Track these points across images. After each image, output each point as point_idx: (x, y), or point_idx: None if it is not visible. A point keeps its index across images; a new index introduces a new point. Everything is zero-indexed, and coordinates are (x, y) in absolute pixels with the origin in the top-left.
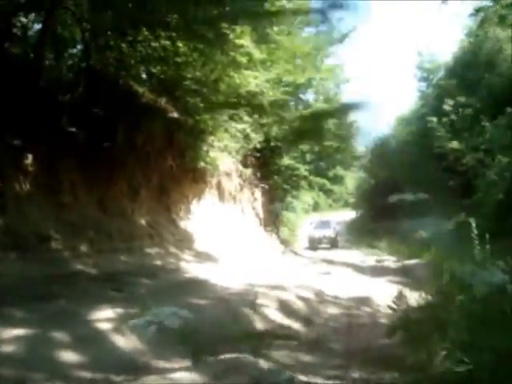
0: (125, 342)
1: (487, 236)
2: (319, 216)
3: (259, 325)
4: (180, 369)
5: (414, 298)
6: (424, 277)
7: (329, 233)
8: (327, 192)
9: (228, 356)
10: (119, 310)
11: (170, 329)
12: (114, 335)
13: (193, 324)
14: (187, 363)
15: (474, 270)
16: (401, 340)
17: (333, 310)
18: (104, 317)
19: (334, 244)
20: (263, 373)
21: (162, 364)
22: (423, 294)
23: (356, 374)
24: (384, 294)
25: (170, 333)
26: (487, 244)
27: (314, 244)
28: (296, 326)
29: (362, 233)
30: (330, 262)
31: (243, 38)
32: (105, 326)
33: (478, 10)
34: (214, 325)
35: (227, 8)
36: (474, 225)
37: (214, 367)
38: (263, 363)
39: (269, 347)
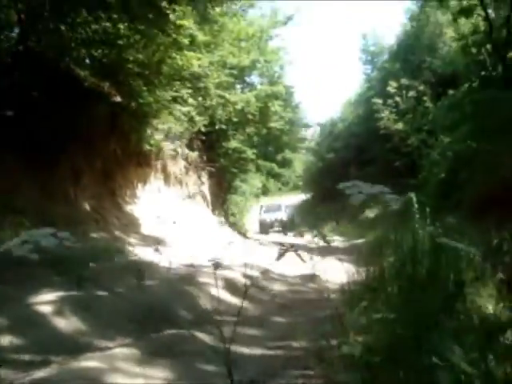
0: (65, 323)
1: (428, 212)
2: (269, 200)
3: (203, 302)
4: (120, 345)
5: (358, 271)
6: (368, 254)
7: (280, 216)
8: (276, 176)
9: (169, 331)
10: (60, 293)
11: None
12: (54, 317)
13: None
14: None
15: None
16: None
17: (279, 288)
18: (44, 300)
19: (285, 227)
20: (202, 346)
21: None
22: (365, 268)
23: (296, 344)
24: (330, 271)
25: None
26: (428, 219)
27: (265, 228)
28: (241, 303)
29: (312, 215)
30: (279, 244)
31: (185, 19)
32: (45, 308)
33: None
34: (156, 303)
35: None
36: (414, 200)
37: (155, 342)
38: (203, 337)
39: (211, 323)
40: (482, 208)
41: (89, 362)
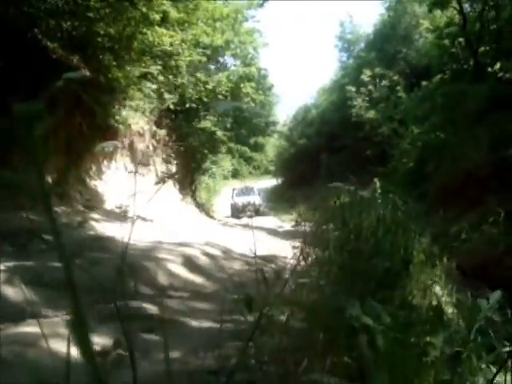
0: (13, 292)
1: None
2: (240, 183)
3: (160, 278)
4: (64, 314)
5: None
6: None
7: (253, 200)
8: (248, 159)
9: (119, 302)
10: (12, 263)
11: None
12: (3, 286)
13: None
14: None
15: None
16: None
17: (238, 267)
18: None
19: (257, 211)
20: (149, 317)
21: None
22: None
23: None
24: (291, 254)
25: None
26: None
27: (237, 212)
28: (199, 280)
29: (282, 200)
30: (245, 226)
31: None
32: None
33: None
34: (112, 276)
35: None
36: (378, 185)
37: (101, 311)
38: (152, 308)
39: (165, 297)
40: (447, 198)
41: (28, 328)
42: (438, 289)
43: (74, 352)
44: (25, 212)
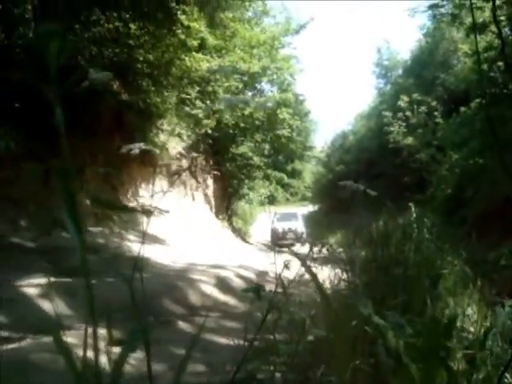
0: (49, 306)
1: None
2: (276, 209)
3: (193, 298)
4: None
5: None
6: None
7: (295, 226)
8: (285, 185)
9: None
10: (50, 279)
11: None
12: (40, 300)
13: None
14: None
15: None
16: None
17: (273, 288)
18: (32, 283)
19: (299, 239)
20: (181, 334)
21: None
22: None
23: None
24: (323, 278)
25: None
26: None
27: (276, 238)
28: (232, 301)
29: (319, 226)
30: (280, 251)
31: (195, 22)
32: (32, 291)
33: (430, 8)
34: (146, 295)
35: None
36: (413, 210)
37: (134, 327)
38: (185, 326)
39: (197, 315)
40: (486, 224)
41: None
42: (469, 310)
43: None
44: (63, 231)
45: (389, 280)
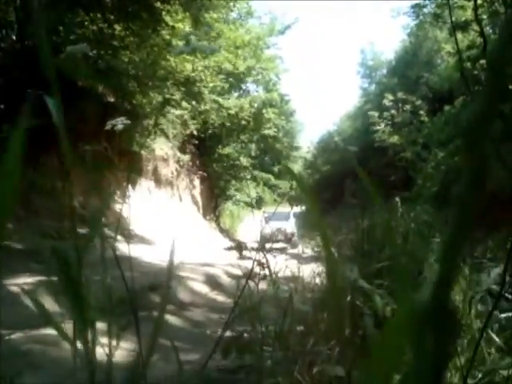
0: (38, 303)
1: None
2: (263, 210)
3: (182, 295)
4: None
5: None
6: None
7: (285, 227)
8: (272, 187)
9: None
10: (37, 278)
11: None
12: (28, 298)
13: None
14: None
15: None
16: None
17: (262, 286)
18: (20, 282)
19: (289, 241)
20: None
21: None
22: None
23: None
24: (311, 275)
25: None
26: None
27: (263, 240)
28: (220, 297)
29: (307, 226)
30: (269, 251)
31: (180, 22)
32: (19, 290)
33: (413, 8)
34: (133, 292)
35: None
36: (399, 205)
37: (122, 320)
38: (173, 320)
39: (187, 310)
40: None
41: (49, 331)
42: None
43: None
44: (50, 234)
45: (374, 264)
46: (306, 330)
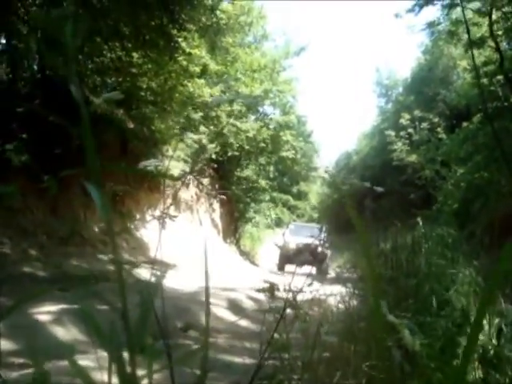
0: (62, 331)
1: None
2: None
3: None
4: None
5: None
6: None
7: (314, 244)
8: (291, 208)
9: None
10: (61, 306)
11: None
12: (53, 326)
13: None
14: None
15: None
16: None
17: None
18: (45, 311)
19: (320, 265)
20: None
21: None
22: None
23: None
24: (334, 297)
25: None
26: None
27: (286, 259)
28: (243, 322)
29: (327, 246)
30: (288, 272)
31: (196, 48)
32: (44, 318)
33: (429, 25)
34: (157, 318)
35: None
36: (421, 224)
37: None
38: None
39: (210, 337)
40: (495, 237)
41: (79, 361)
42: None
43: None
44: (73, 259)
45: (399, 291)
46: (333, 360)
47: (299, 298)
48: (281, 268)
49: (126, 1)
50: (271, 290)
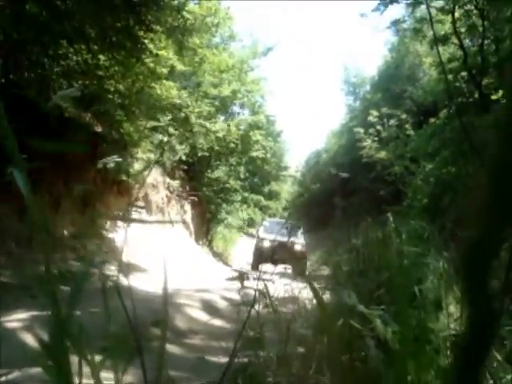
0: (34, 339)
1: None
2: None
3: (179, 323)
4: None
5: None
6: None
7: (291, 242)
8: (263, 208)
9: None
10: (32, 313)
11: None
12: (24, 334)
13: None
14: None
15: None
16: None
17: (260, 309)
18: (15, 318)
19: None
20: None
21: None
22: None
23: (263, 353)
24: (310, 295)
25: None
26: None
27: (260, 259)
28: (218, 323)
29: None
30: (261, 271)
31: (164, 50)
32: (15, 325)
33: (393, 23)
34: (129, 321)
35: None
36: (391, 220)
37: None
38: (171, 347)
39: (185, 338)
40: (463, 231)
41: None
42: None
43: None
44: (42, 266)
45: (371, 283)
46: (307, 354)
47: (274, 295)
48: (255, 267)
49: (91, 2)
50: (241, 278)
